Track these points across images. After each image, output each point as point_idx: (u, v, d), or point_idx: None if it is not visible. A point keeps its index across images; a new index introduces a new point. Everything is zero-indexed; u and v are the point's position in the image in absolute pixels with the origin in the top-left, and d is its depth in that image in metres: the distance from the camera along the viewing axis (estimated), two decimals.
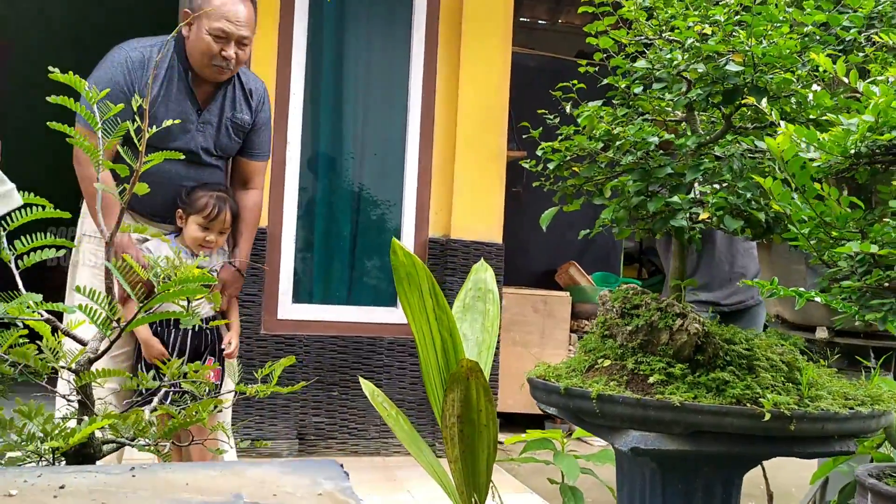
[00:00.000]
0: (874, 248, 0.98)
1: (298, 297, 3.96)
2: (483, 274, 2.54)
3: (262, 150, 2.75)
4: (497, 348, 4.14)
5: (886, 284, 1.05)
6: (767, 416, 1.49)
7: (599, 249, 5.92)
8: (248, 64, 3.60)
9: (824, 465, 2.38)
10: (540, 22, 8.24)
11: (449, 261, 4.06)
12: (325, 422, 3.91)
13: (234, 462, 0.80)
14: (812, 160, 1.09)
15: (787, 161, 1.05)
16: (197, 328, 2.50)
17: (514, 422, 4.61)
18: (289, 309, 3.91)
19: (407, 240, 4.09)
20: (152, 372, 1.28)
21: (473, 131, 4.14)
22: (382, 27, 4.15)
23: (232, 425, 2.94)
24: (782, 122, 1.16)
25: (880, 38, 1.25)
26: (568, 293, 4.97)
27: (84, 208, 2.64)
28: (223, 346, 2.58)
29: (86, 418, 1.19)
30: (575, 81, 1.92)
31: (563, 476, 2.41)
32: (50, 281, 2.77)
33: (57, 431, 0.98)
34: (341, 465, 0.92)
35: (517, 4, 7.34)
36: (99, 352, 1.25)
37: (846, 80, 1.15)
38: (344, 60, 4.12)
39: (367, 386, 2.20)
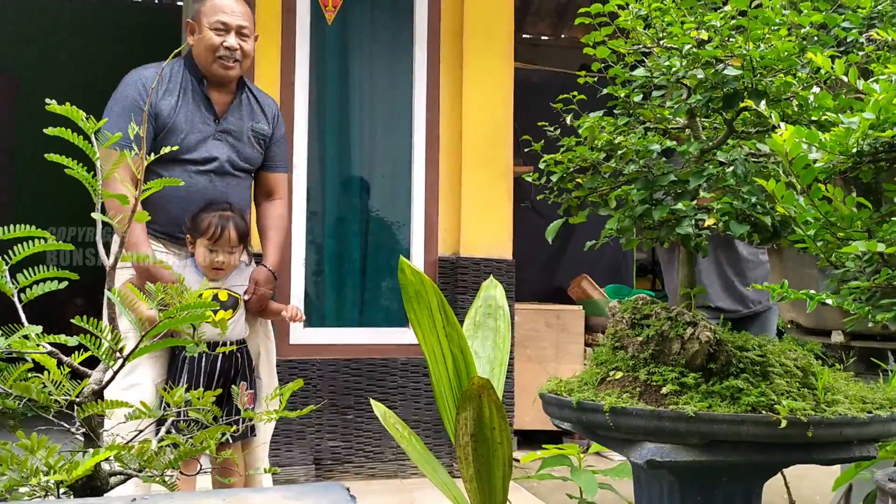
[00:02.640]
0: (881, 247, 0.96)
1: (310, 321, 3.95)
2: (493, 291, 2.53)
3: (282, 162, 2.86)
4: (511, 365, 4.11)
5: None
6: (784, 424, 1.47)
7: (611, 261, 5.89)
8: None
9: (846, 472, 2.34)
10: (543, 38, 8.26)
11: (460, 279, 4.05)
12: (340, 445, 3.89)
13: (237, 490, 0.79)
14: (815, 161, 1.07)
15: (791, 161, 1.04)
16: (228, 351, 2.48)
17: (532, 439, 4.57)
18: (301, 333, 3.90)
19: (417, 259, 4.08)
20: (163, 403, 1.26)
21: (479, 148, 4.14)
22: (384, 48, 4.17)
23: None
24: (783, 124, 1.14)
25: (878, 35, 1.24)
26: (581, 307, 4.94)
27: None
28: (290, 317, 2.68)
29: (91, 451, 1.18)
30: (575, 93, 1.91)
31: (582, 492, 2.37)
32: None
33: (60, 465, 0.97)
34: (347, 489, 0.90)
35: (520, 21, 7.39)
36: (103, 382, 1.24)
37: (846, 79, 1.13)
38: (347, 83, 4.13)
39: (378, 408, 2.19)
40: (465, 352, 2.09)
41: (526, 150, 1.96)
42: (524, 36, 7.76)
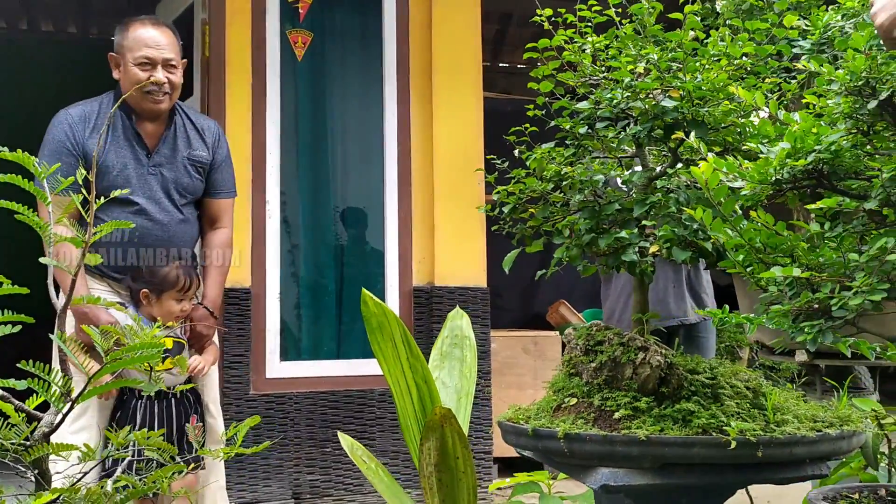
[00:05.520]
0: (797, 272, 1.00)
1: (286, 354, 3.95)
2: (459, 321, 2.56)
3: (226, 189, 2.76)
4: (489, 393, 4.12)
5: (816, 306, 1.07)
6: (733, 445, 1.49)
7: (588, 286, 5.91)
8: (222, 124, 3.65)
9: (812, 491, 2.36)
10: (519, 66, 8.38)
11: (435, 309, 4.07)
12: (319, 479, 3.88)
13: None
14: (739, 189, 1.11)
15: (712, 190, 1.08)
16: (179, 395, 2.47)
17: (513, 466, 4.56)
18: (277, 367, 3.90)
19: (391, 290, 4.10)
20: (109, 444, 1.28)
21: (451, 178, 4.18)
22: (355, 84, 4.22)
23: (227, 488, 2.92)
24: (710, 154, 1.18)
25: (803, 65, 1.29)
26: (559, 332, 4.96)
27: None
28: (194, 367, 2.50)
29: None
30: (527, 125, 1.95)
31: None
32: None
33: None
34: None
35: (497, 51, 7.48)
36: (54, 425, 1.26)
37: (766, 110, 1.18)
38: (318, 118, 4.18)
39: (345, 440, 2.20)
40: (429, 382, 2.11)
41: (498, 183, 2.01)
42: (500, 65, 7.87)
